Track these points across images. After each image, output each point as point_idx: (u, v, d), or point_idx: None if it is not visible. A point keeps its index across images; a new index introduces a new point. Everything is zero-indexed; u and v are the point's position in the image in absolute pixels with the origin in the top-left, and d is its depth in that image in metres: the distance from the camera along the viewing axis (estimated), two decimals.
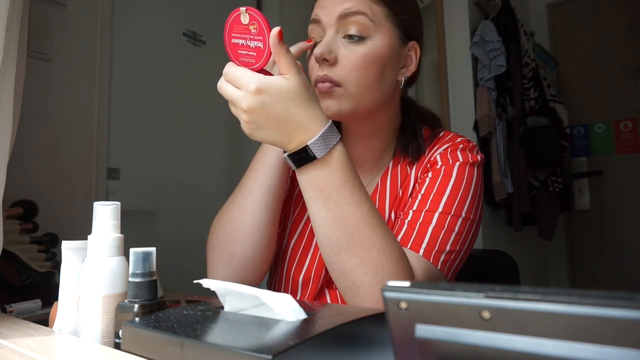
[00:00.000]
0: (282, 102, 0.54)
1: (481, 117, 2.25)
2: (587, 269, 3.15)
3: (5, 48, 0.73)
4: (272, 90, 0.53)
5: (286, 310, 0.45)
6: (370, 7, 0.70)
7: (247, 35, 0.53)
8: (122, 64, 1.61)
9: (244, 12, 0.52)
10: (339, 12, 0.69)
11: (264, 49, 0.52)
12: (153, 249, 0.53)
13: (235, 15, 0.54)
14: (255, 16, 0.52)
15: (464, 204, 0.70)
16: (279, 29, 0.52)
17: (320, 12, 0.72)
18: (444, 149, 0.77)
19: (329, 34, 0.70)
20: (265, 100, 0.53)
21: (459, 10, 2.38)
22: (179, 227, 1.74)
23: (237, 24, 0.53)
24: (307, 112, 0.55)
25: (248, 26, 0.52)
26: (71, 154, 1.41)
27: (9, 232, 1.01)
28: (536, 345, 0.25)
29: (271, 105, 0.53)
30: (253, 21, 0.52)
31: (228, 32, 0.55)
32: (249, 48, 0.53)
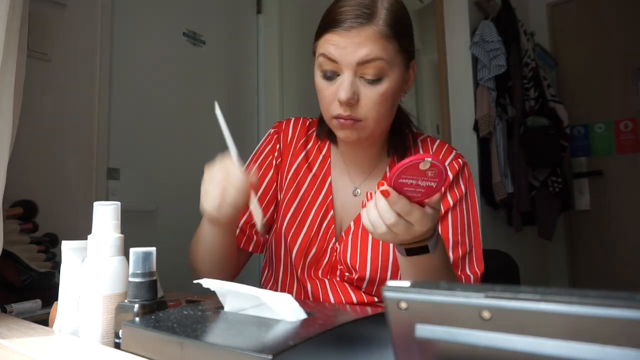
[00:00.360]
0: (428, 226, 0.62)
1: (481, 117, 2.24)
2: (587, 269, 3.14)
3: (5, 48, 0.73)
4: (430, 223, 0.62)
5: (286, 310, 0.45)
6: (385, 49, 0.74)
7: (420, 177, 0.58)
8: (122, 64, 1.61)
9: (427, 162, 0.56)
10: (359, 59, 0.74)
11: (437, 188, 0.59)
12: (153, 249, 0.53)
13: (414, 163, 0.57)
14: (438, 164, 0.57)
15: (477, 228, 0.85)
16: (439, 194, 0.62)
17: (337, 53, 0.75)
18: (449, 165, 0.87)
19: (348, 76, 0.75)
20: (427, 229, 0.62)
21: (459, 10, 2.37)
22: (179, 227, 1.74)
23: (414, 168, 0.58)
24: (430, 226, 0.63)
25: (426, 171, 0.58)
26: (71, 154, 1.41)
27: (9, 232, 1.01)
28: (536, 345, 0.25)
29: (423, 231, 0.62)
30: (433, 168, 0.57)
31: (400, 174, 0.58)
32: (419, 186, 0.59)
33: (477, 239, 0.84)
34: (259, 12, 2.17)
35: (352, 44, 0.73)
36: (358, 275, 0.81)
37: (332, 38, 0.75)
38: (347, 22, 0.74)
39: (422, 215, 0.60)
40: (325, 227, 0.86)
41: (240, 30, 2.12)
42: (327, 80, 0.78)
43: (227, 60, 2.04)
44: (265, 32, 2.16)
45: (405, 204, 0.59)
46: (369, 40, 0.73)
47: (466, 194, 0.86)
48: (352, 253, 0.82)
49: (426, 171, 0.57)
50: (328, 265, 0.85)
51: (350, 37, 0.73)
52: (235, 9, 2.10)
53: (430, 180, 0.58)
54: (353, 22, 0.73)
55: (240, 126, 2.05)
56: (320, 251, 0.85)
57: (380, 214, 0.60)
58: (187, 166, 1.81)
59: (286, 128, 0.96)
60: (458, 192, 0.85)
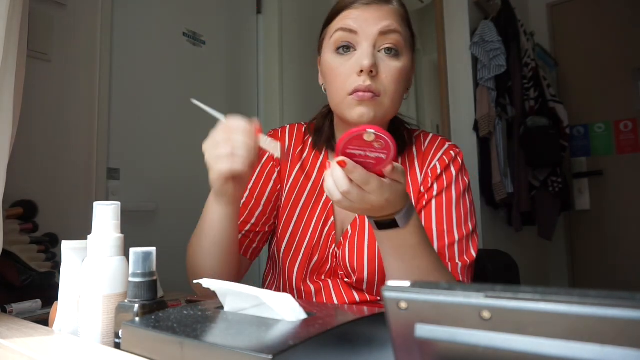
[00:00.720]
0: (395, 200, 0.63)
1: (481, 117, 2.24)
2: (587, 269, 3.14)
3: (5, 48, 0.73)
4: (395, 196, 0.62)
5: (286, 310, 0.45)
6: (401, 26, 0.79)
7: (367, 149, 0.59)
8: (122, 64, 1.61)
9: (371, 133, 0.58)
10: (380, 28, 0.76)
11: (387, 160, 0.59)
12: (153, 249, 0.52)
13: (357, 134, 0.58)
14: (382, 135, 0.58)
15: (467, 216, 0.82)
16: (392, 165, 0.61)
17: (357, 25, 0.77)
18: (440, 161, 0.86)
19: (368, 46, 0.76)
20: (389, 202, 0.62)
21: (459, 10, 2.37)
22: (179, 227, 1.74)
23: (359, 139, 0.59)
24: (401, 199, 0.65)
25: (372, 143, 0.59)
26: (71, 154, 1.41)
27: (9, 232, 1.01)
28: (536, 345, 0.25)
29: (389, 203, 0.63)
30: (379, 139, 0.58)
31: (345, 145, 0.60)
32: (368, 157, 0.60)
33: (467, 227, 0.82)
34: (259, 12, 2.17)
35: (373, 17, 0.77)
36: (357, 278, 0.81)
37: (351, 13, 0.78)
38: None
39: (380, 184, 0.60)
40: (326, 234, 0.86)
41: (240, 30, 2.12)
42: (342, 55, 0.78)
43: (227, 60, 2.04)
44: (265, 32, 2.16)
45: (361, 174, 0.59)
46: (389, 15, 0.78)
47: (456, 182, 0.84)
48: (350, 256, 0.82)
49: (372, 143, 0.58)
50: (330, 270, 0.85)
51: (370, 11, 0.77)
52: (235, 9, 2.10)
53: (379, 152, 0.59)
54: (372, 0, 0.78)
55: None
56: (322, 258, 0.85)
57: (335, 181, 0.61)
58: (187, 166, 1.81)
59: (282, 136, 0.95)
60: (447, 180, 0.84)
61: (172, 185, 1.74)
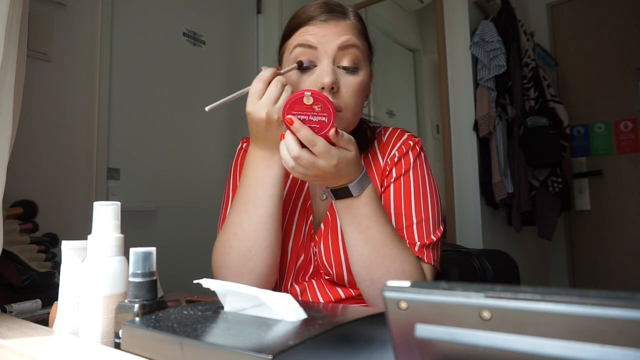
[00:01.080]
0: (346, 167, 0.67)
1: (481, 117, 2.24)
2: (587, 269, 3.14)
3: (5, 48, 0.73)
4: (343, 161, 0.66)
5: (286, 310, 0.45)
6: (359, 40, 0.80)
7: (310, 112, 0.64)
8: (122, 64, 1.61)
9: (309, 96, 0.63)
10: (339, 43, 0.78)
11: (328, 122, 0.64)
12: (153, 249, 0.52)
13: (297, 98, 0.64)
14: (320, 98, 0.63)
15: (427, 200, 0.84)
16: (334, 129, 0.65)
17: (316, 40, 0.78)
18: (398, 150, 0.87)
19: (327, 63, 0.78)
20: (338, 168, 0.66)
21: (459, 10, 2.37)
22: (179, 227, 1.74)
23: (299, 104, 0.64)
24: (354, 168, 0.68)
25: (312, 106, 0.63)
26: (71, 154, 1.41)
27: (9, 232, 1.01)
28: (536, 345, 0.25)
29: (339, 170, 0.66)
30: (317, 102, 0.63)
31: (288, 109, 0.64)
32: (312, 122, 0.64)
33: (426, 212, 0.82)
34: (259, 12, 2.17)
35: (331, 32, 0.78)
36: (336, 273, 0.81)
37: (309, 29, 0.79)
38: (323, 15, 0.79)
39: (326, 147, 0.63)
40: (307, 233, 0.86)
41: (240, 30, 2.12)
42: (302, 72, 0.79)
43: (227, 60, 2.04)
44: (265, 32, 2.16)
45: (307, 132, 0.63)
46: (347, 30, 0.79)
47: (414, 168, 0.85)
48: (326, 253, 0.82)
49: (312, 106, 0.63)
50: (314, 270, 0.85)
51: (328, 27, 0.78)
52: (235, 9, 2.10)
53: (320, 115, 0.64)
54: (329, 15, 0.79)
55: (240, 126, 2.05)
56: (307, 258, 0.85)
57: (287, 147, 0.65)
58: (187, 166, 1.81)
59: None
60: (404, 166, 0.85)
61: (172, 185, 1.74)
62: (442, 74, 2.39)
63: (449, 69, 2.39)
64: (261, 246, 0.77)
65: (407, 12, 3.23)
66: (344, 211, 0.72)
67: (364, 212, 0.71)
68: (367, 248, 0.72)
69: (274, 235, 0.78)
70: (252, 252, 0.76)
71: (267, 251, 0.77)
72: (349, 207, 0.71)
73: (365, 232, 0.71)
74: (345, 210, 0.71)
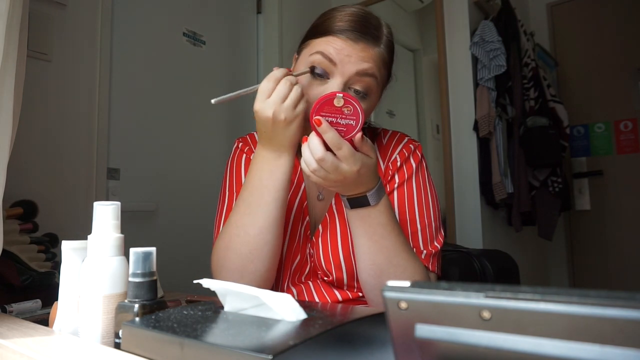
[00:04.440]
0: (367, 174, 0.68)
1: (481, 117, 2.24)
2: (587, 269, 3.14)
3: (5, 48, 0.73)
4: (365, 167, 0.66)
5: (286, 310, 0.45)
6: (380, 72, 0.78)
7: (338, 115, 0.63)
8: (122, 64, 1.61)
9: (340, 98, 0.62)
10: (359, 69, 0.75)
11: (356, 126, 0.63)
12: (153, 249, 0.52)
13: (328, 99, 0.63)
14: (351, 100, 0.62)
15: (429, 206, 0.84)
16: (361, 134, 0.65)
17: (338, 57, 0.75)
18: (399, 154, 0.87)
19: (339, 82, 0.75)
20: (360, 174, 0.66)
21: (459, 10, 2.37)
22: (179, 227, 1.74)
23: (330, 105, 0.63)
24: (373, 176, 0.69)
25: (342, 108, 0.63)
26: (71, 154, 1.41)
27: (9, 232, 1.01)
28: (536, 345, 0.25)
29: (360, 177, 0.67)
30: (348, 105, 0.62)
31: (318, 110, 0.63)
32: (339, 124, 0.63)
33: (429, 218, 0.83)
34: (259, 12, 2.17)
35: (357, 56, 0.75)
36: (336, 277, 0.81)
37: (336, 42, 0.75)
38: (355, 32, 0.75)
39: (351, 152, 0.63)
40: (303, 234, 0.85)
41: (240, 30, 2.12)
42: (315, 79, 0.76)
43: (227, 60, 2.04)
44: (265, 32, 2.16)
45: (334, 135, 0.63)
46: (373, 59, 0.76)
47: (416, 174, 0.85)
48: (325, 256, 0.81)
49: (342, 108, 0.63)
50: (310, 271, 0.85)
51: (356, 48, 0.75)
52: (235, 9, 2.10)
53: (349, 118, 0.63)
54: (361, 36, 0.75)
55: (240, 126, 2.05)
56: (303, 259, 0.85)
57: (311, 149, 0.64)
58: (187, 166, 1.81)
59: (253, 142, 0.95)
60: (407, 172, 0.85)
61: (172, 185, 1.74)
62: (442, 74, 2.39)
63: (449, 69, 2.39)
64: (263, 250, 0.75)
65: (407, 12, 3.23)
66: (358, 220, 0.71)
67: (380, 222, 0.71)
68: (380, 257, 0.72)
69: (277, 239, 0.77)
70: (254, 255, 0.75)
71: (269, 255, 0.76)
72: (365, 217, 0.71)
73: (380, 241, 0.71)
74: (360, 219, 0.71)
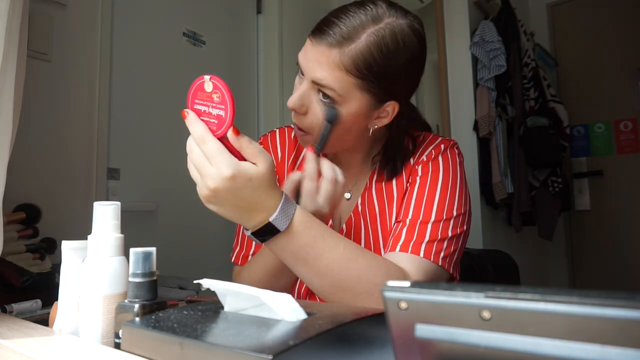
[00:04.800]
0: (249, 188, 0.56)
1: (481, 117, 2.24)
2: (587, 269, 3.14)
3: (5, 48, 0.73)
4: (243, 177, 0.55)
5: (286, 310, 0.45)
6: (340, 81, 0.68)
7: (209, 103, 0.55)
8: (122, 64, 1.61)
9: (208, 81, 0.53)
10: (312, 77, 0.70)
11: (225, 118, 0.54)
12: (153, 249, 0.52)
13: (199, 83, 0.55)
14: (219, 85, 0.53)
15: (453, 204, 0.77)
16: (232, 128, 0.54)
17: (302, 63, 0.72)
18: (427, 154, 0.82)
19: (304, 85, 0.72)
20: (235, 185, 0.55)
21: (459, 10, 2.37)
22: (179, 227, 1.74)
23: (201, 90, 0.55)
24: (268, 193, 0.57)
25: (211, 94, 0.54)
26: (71, 154, 1.41)
27: (6, 242, 1.00)
28: (536, 345, 0.25)
29: (238, 190, 0.55)
30: (216, 90, 0.53)
31: (192, 97, 0.56)
32: (211, 115, 0.55)
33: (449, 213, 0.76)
34: (259, 12, 2.17)
35: (314, 60, 0.69)
36: None
37: (307, 44, 0.72)
38: (321, 34, 0.69)
39: (218, 150, 0.54)
40: None
41: (240, 30, 2.12)
42: (299, 77, 0.76)
43: (227, 60, 2.04)
44: (265, 32, 2.16)
45: (199, 127, 0.54)
46: (327, 64, 0.68)
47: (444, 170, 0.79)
48: None
49: (211, 94, 0.54)
50: None
51: (316, 52, 0.69)
52: (235, 9, 2.10)
53: (218, 108, 0.54)
54: (326, 37, 0.68)
55: (240, 126, 2.05)
56: None
57: (189, 149, 0.57)
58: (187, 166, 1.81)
59: (273, 143, 0.93)
60: (432, 166, 0.80)
61: (172, 185, 1.74)
62: (442, 74, 2.39)
63: (449, 69, 2.39)
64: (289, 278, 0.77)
65: None
66: (279, 251, 0.62)
67: (304, 243, 0.60)
68: (325, 279, 0.63)
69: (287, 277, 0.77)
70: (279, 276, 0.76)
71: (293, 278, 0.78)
72: (284, 245, 0.60)
73: (316, 263, 0.62)
74: (280, 250, 0.61)
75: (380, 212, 0.82)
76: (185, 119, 0.56)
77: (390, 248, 0.74)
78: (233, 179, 0.54)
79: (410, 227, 0.74)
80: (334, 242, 0.63)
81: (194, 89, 0.56)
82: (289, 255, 0.62)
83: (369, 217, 0.83)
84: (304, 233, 0.60)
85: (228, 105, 0.53)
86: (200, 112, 0.56)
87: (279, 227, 0.58)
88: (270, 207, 0.57)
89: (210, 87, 0.54)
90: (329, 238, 0.62)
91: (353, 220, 0.84)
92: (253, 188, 0.55)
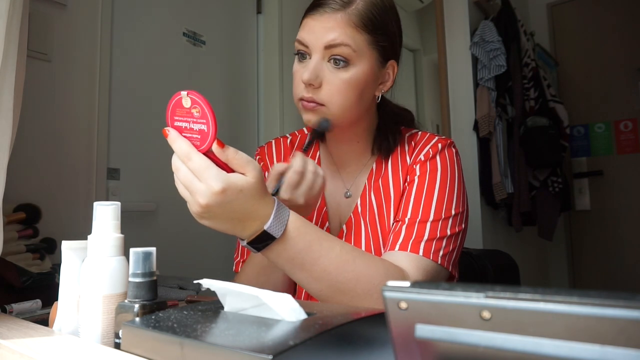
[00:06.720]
0: (241, 199, 0.55)
1: (481, 117, 2.25)
2: (587, 269, 3.14)
3: (5, 48, 0.73)
4: (234, 190, 0.54)
5: (286, 310, 0.45)
6: (353, 38, 0.74)
7: (189, 119, 0.54)
8: (122, 64, 1.61)
9: (186, 96, 0.53)
10: (325, 42, 0.74)
11: (208, 132, 0.53)
12: (153, 249, 0.52)
13: (176, 99, 0.54)
14: (197, 99, 0.52)
15: (451, 203, 0.78)
16: (216, 141, 0.53)
17: (307, 37, 0.76)
18: (425, 154, 0.83)
19: (315, 58, 0.76)
20: (227, 199, 0.54)
21: (459, 10, 2.38)
22: (179, 227, 1.74)
23: (180, 107, 0.54)
24: (260, 202, 0.57)
25: (190, 109, 0.53)
26: (71, 154, 1.41)
27: (6, 242, 1.00)
28: (536, 345, 0.25)
29: (230, 202, 0.55)
30: (195, 105, 0.53)
31: (171, 115, 0.55)
32: (193, 130, 0.54)
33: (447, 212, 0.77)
34: (259, 12, 2.17)
35: (322, 28, 0.74)
36: None
37: (307, 23, 0.77)
38: (322, 7, 0.75)
39: (205, 165, 0.53)
40: None
41: (240, 30, 2.12)
42: (299, 62, 0.79)
43: (227, 60, 2.04)
44: (265, 32, 2.16)
45: (183, 144, 0.54)
46: (338, 25, 0.74)
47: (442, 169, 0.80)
48: None
49: (191, 109, 0.53)
50: None
51: (322, 21, 0.75)
52: (235, 9, 2.10)
53: (199, 122, 0.53)
54: (327, 7, 0.75)
55: (240, 126, 2.05)
56: None
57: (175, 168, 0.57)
58: None
59: (269, 153, 0.94)
60: (430, 166, 0.81)
61: (172, 185, 1.73)
62: (442, 74, 2.39)
63: (449, 69, 2.39)
64: None
65: (407, 12, 3.23)
66: (275, 259, 0.61)
67: (301, 248, 0.60)
68: (323, 283, 0.63)
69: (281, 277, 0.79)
70: None
71: None
72: (280, 252, 0.60)
73: (313, 268, 0.61)
74: (276, 257, 0.61)
75: (379, 212, 0.83)
76: (166, 137, 0.55)
77: (390, 247, 0.75)
78: (224, 193, 0.54)
79: (409, 226, 0.76)
80: (330, 245, 0.63)
81: (172, 106, 0.55)
82: (285, 261, 0.62)
83: (368, 217, 0.83)
84: (300, 238, 0.60)
85: (209, 118, 0.52)
86: (181, 128, 0.55)
87: (274, 234, 0.58)
88: (264, 215, 0.58)
89: (189, 103, 0.53)
90: (325, 241, 0.62)
91: (353, 221, 0.84)
92: (245, 198, 0.55)
